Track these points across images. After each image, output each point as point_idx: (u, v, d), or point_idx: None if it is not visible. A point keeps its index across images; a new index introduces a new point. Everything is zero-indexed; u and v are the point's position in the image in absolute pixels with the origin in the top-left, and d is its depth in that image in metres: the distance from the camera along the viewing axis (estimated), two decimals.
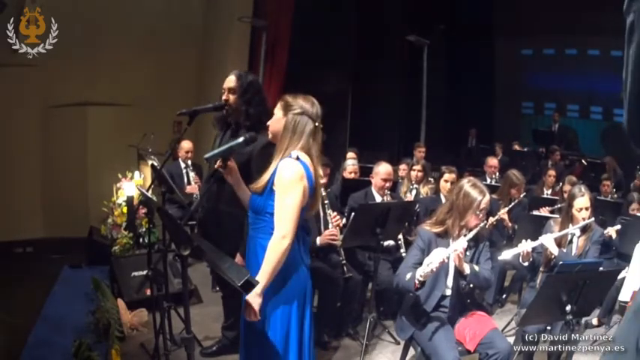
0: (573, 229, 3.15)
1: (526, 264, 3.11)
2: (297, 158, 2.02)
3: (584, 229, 3.19)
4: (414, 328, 2.64)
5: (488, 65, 11.25)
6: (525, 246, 3.00)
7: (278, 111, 2.13)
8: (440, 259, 2.42)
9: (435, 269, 2.42)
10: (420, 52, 8.26)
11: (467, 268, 2.54)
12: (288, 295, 2.07)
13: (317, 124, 2.11)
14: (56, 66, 5.28)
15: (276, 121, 2.13)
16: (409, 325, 2.67)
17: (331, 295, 3.39)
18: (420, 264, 2.55)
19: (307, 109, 2.11)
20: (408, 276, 2.51)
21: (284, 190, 1.99)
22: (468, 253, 2.66)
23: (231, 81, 2.85)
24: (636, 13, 0.79)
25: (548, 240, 3.07)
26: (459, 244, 2.47)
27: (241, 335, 2.25)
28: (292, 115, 2.08)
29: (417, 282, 2.46)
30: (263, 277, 1.95)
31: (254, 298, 1.94)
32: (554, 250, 3.07)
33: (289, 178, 1.99)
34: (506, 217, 4.29)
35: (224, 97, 2.85)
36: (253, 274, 2.00)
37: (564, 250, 3.15)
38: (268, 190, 2.05)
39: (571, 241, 3.23)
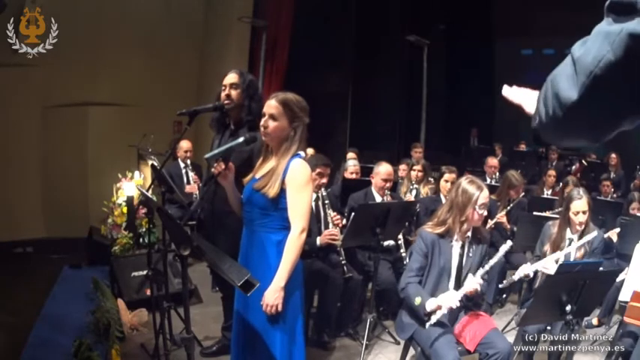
0: (573, 247, 3.11)
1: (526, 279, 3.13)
2: (304, 159, 2.17)
3: (583, 234, 3.16)
4: (414, 327, 2.64)
5: (488, 65, 11.26)
6: (525, 270, 3.01)
7: (281, 117, 2.14)
8: (451, 304, 2.47)
9: (445, 312, 2.49)
10: (420, 52, 8.26)
11: (477, 286, 2.58)
12: (299, 284, 2.20)
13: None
14: (56, 66, 5.27)
15: (281, 129, 2.15)
16: (409, 325, 2.67)
17: (331, 295, 3.39)
18: (423, 269, 2.62)
19: (307, 111, 2.20)
20: (418, 300, 2.55)
21: (300, 188, 2.11)
22: (470, 254, 2.68)
23: (233, 77, 2.88)
24: None
25: (548, 263, 3.04)
26: (470, 285, 2.52)
27: (237, 332, 2.26)
28: (302, 126, 2.17)
29: (426, 312, 2.54)
30: (285, 271, 2.07)
31: (278, 293, 2.05)
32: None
33: (305, 177, 2.13)
34: (504, 219, 4.29)
35: (225, 93, 2.86)
36: (263, 270, 2.08)
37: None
38: (280, 188, 2.11)
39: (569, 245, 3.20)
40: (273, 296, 2.04)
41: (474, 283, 2.52)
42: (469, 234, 2.68)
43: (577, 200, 3.12)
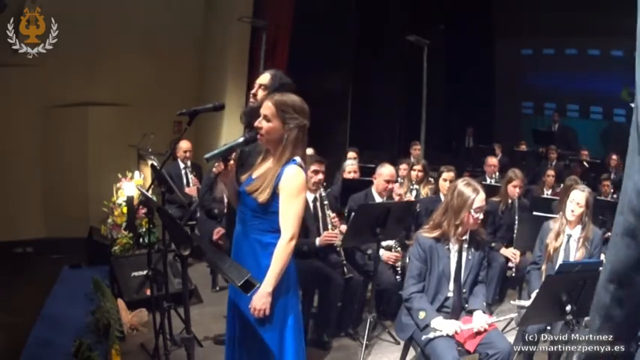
0: (572, 244, 3.11)
1: None
2: (300, 165, 2.11)
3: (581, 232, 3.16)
4: (414, 327, 2.64)
5: (488, 65, 11.26)
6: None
7: (274, 119, 2.10)
8: (452, 332, 2.50)
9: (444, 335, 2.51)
10: (420, 52, 8.26)
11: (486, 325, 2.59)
12: (289, 287, 2.17)
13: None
14: (56, 66, 5.27)
15: (274, 130, 2.11)
16: (409, 325, 2.67)
17: (331, 295, 3.39)
18: (424, 274, 2.64)
19: (305, 113, 2.15)
20: (422, 314, 2.56)
21: (292, 195, 2.07)
22: (469, 257, 2.67)
23: (264, 78, 2.92)
24: None
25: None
26: (478, 324, 2.54)
27: (231, 333, 2.26)
28: (296, 128, 2.11)
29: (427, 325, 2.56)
30: (272, 278, 2.05)
31: (265, 298, 2.03)
32: None
33: (298, 184, 2.08)
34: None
35: (253, 92, 2.90)
36: (254, 271, 2.02)
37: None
38: (272, 193, 2.08)
39: (568, 242, 3.20)
40: (260, 301, 2.03)
41: (482, 322, 2.54)
42: (466, 237, 2.68)
43: (578, 191, 3.12)
